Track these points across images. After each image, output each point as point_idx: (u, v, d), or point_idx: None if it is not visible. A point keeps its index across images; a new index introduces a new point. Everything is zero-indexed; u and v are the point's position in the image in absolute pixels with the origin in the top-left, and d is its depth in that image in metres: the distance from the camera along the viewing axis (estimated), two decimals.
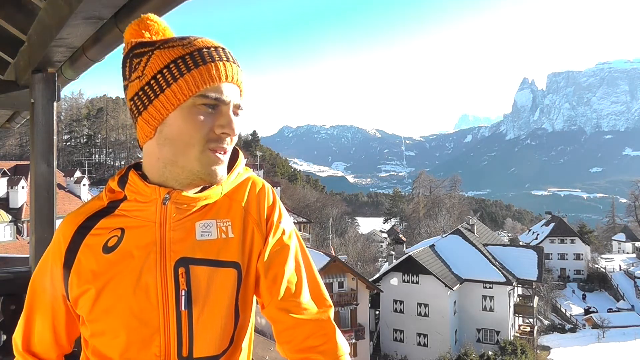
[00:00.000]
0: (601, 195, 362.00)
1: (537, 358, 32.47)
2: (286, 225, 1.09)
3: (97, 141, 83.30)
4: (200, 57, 0.93)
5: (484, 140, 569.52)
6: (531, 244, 50.59)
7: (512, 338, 32.67)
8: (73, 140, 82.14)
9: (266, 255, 1.04)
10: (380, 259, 58.74)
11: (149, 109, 0.94)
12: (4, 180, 31.93)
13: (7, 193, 31.53)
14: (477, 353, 28.30)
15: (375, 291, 34.26)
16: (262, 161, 75.68)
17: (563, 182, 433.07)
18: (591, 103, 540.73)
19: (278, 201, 1.11)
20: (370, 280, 34.47)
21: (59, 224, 1.06)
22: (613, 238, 77.47)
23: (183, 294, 0.95)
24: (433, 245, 38.93)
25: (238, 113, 0.98)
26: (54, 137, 2.54)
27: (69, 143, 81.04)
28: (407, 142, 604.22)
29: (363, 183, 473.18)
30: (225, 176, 1.00)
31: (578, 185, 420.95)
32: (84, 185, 36.28)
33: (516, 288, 37.14)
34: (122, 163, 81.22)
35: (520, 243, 57.15)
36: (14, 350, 1.07)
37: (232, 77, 0.95)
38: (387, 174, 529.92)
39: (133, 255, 0.96)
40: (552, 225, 65.18)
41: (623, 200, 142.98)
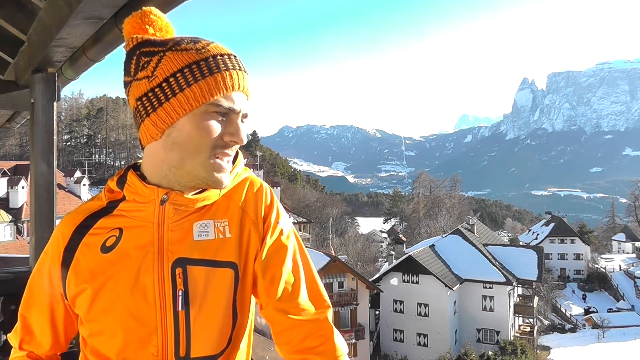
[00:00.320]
0: (601, 195, 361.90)
1: (537, 358, 32.46)
2: (284, 225, 1.08)
3: (97, 141, 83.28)
4: (215, 65, 0.92)
5: (484, 140, 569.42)
6: (531, 244, 50.58)
7: (512, 338, 32.67)
8: (73, 140, 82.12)
9: (264, 255, 1.04)
10: (380, 259, 58.72)
11: (159, 112, 0.93)
12: (4, 180, 31.94)
13: (7, 193, 31.53)
14: (477, 353, 28.30)
15: (375, 291, 34.25)
16: (262, 161, 75.65)
17: (563, 182, 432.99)
18: (591, 103, 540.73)
19: (276, 201, 1.10)
20: (370, 280, 34.46)
21: (58, 223, 1.06)
22: (613, 238, 77.46)
23: (180, 294, 0.95)
24: (433, 245, 38.93)
25: (244, 121, 0.99)
26: (54, 137, 2.55)
27: (69, 143, 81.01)
28: (407, 142, 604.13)
29: (363, 183, 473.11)
30: (229, 183, 1.00)
31: (578, 185, 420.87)
32: (84, 185, 36.28)
33: (516, 288, 37.14)
34: (122, 163, 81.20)
35: (520, 243, 57.15)
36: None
37: (243, 87, 0.96)
38: (387, 174, 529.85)
39: (131, 255, 0.97)
40: (552, 225, 65.16)
41: (623, 200, 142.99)
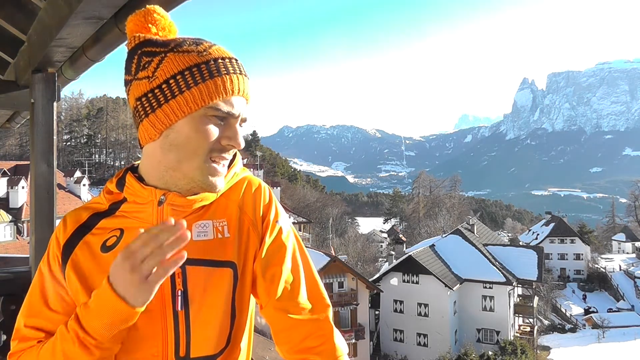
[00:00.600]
0: (601, 195, 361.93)
1: (537, 358, 32.44)
2: (283, 224, 1.08)
3: (97, 141, 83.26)
4: (215, 68, 0.92)
5: (484, 140, 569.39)
6: (531, 244, 50.57)
7: (512, 338, 32.66)
8: (73, 140, 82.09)
9: (263, 254, 1.04)
10: (380, 259, 58.71)
11: (157, 113, 0.93)
12: (4, 180, 31.95)
13: (7, 193, 31.54)
14: (477, 353, 28.28)
15: (375, 291, 34.25)
16: (262, 161, 75.63)
17: (563, 182, 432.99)
18: (591, 103, 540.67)
19: (275, 200, 1.09)
20: (370, 280, 34.45)
21: (61, 219, 1.05)
22: (613, 238, 77.46)
23: (179, 294, 0.95)
24: (433, 245, 38.92)
25: (242, 125, 0.99)
26: (54, 137, 2.54)
27: (69, 143, 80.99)
28: (407, 142, 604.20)
29: (363, 183, 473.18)
30: (222, 187, 1.01)
31: (578, 185, 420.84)
32: (84, 185, 36.30)
33: (516, 288, 37.13)
34: (122, 163, 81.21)
35: (520, 243, 57.13)
36: (14, 334, 1.00)
37: (243, 91, 0.96)
38: (387, 174, 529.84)
39: None
40: (552, 225, 65.15)
41: (623, 200, 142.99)
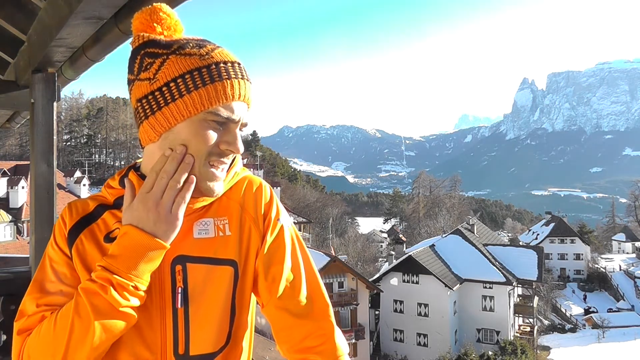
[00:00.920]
0: (601, 195, 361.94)
1: (537, 358, 32.42)
2: (284, 222, 1.08)
3: (97, 141, 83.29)
4: (217, 72, 0.91)
5: (484, 140, 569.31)
6: (531, 244, 50.55)
7: (512, 338, 32.64)
8: (73, 140, 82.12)
9: (264, 253, 1.04)
10: (380, 259, 58.70)
11: (157, 115, 0.93)
12: (4, 180, 31.94)
13: (7, 193, 31.53)
14: (477, 353, 28.27)
15: (375, 291, 34.24)
16: (262, 161, 75.67)
17: (563, 182, 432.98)
18: (591, 103, 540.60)
19: (275, 199, 1.10)
20: (370, 280, 34.44)
21: (66, 205, 1.04)
22: (613, 238, 77.45)
23: (179, 292, 0.95)
24: (433, 245, 38.90)
25: (243, 130, 0.99)
26: (54, 137, 2.54)
27: (69, 143, 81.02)
28: (407, 142, 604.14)
29: (363, 183, 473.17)
30: (221, 192, 1.00)
31: (578, 185, 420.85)
32: (84, 185, 36.32)
33: (516, 288, 37.11)
34: (122, 163, 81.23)
35: (520, 243, 57.11)
36: (18, 315, 0.96)
37: (244, 96, 0.95)
38: (387, 174, 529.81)
39: None
40: (552, 225, 65.15)
41: (623, 200, 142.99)
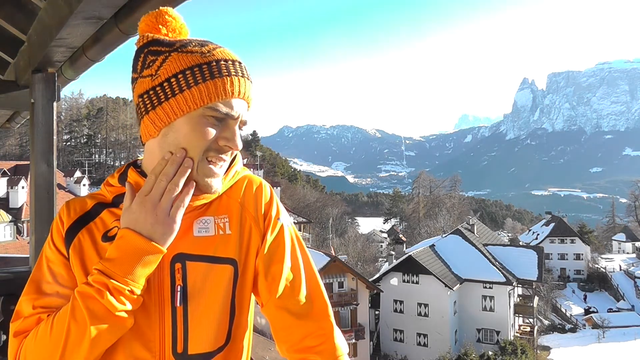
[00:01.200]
0: (601, 195, 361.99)
1: (537, 358, 32.43)
2: (284, 222, 1.08)
3: (97, 141, 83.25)
4: (217, 69, 0.93)
5: (484, 140, 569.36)
6: (531, 244, 50.55)
7: (512, 338, 32.65)
8: (73, 140, 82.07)
9: (264, 252, 1.03)
10: (380, 259, 58.71)
11: (157, 111, 0.94)
12: (4, 180, 31.95)
13: (7, 193, 31.55)
14: (477, 353, 28.28)
15: (375, 291, 34.23)
16: (262, 161, 75.66)
17: (563, 182, 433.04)
18: (591, 103, 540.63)
19: (276, 198, 1.09)
20: (370, 280, 34.44)
21: (64, 204, 1.04)
22: (613, 238, 77.46)
23: (179, 290, 0.94)
24: (433, 245, 38.90)
25: (242, 128, 0.99)
26: (54, 137, 2.54)
27: (69, 143, 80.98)
28: (407, 142, 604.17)
29: (363, 183, 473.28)
30: (220, 189, 1.00)
31: (578, 185, 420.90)
32: (84, 185, 36.36)
33: (516, 288, 37.11)
34: (122, 163, 79.64)
35: (520, 243, 57.12)
36: (14, 316, 0.95)
37: (244, 94, 0.96)
38: (387, 174, 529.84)
39: None
40: (552, 225, 65.14)
41: (623, 200, 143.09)
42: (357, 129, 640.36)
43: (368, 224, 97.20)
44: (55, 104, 2.52)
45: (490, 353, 28.07)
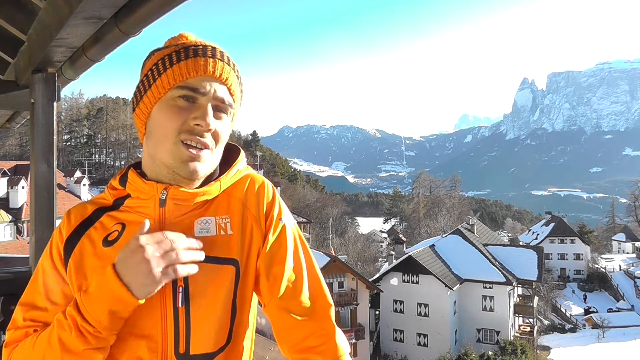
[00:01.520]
0: (601, 195, 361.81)
1: (537, 358, 32.43)
2: (287, 221, 1.07)
3: (97, 141, 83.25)
4: (184, 53, 0.95)
5: (484, 140, 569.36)
6: (531, 244, 50.54)
7: (512, 338, 32.64)
8: (73, 140, 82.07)
9: (266, 252, 1.03)
10: (380, 259, 58.71)
11: (140, 106, 0.98)
12: (4, 180, 31.92)
13: (7, 193, 31.52)
14: (477, 353, 28.26)
15: (375, 291, 34.23)
16: (262, 161, 75.70)
17: (563, 182, 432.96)
18: (591, 103, 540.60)
19: (278, 198, 1.08)
20: (370, 280, 34.44)
21: (66, 213, 1.05)
22: (613, 238, 77.46)
23: (180, 291, 0.94)
24: (433, 245, 38.90)
25: (223, 110, 0.99)
26: (54, 137, 2.54)
27: (69, 143, 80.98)
28: (407, 142, 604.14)
29: (363, 183, 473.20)
30: (201, 172, 0.98)
31: (578, 185, 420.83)
32: (84, 185, 36.31)
33: (516, 288, 37.11)
34: (122, 163, 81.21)
35: (520, 243, 57.09)
36: (10, 324, 0.98)
37: (214, 73, 0.96)
38: (387, 174, 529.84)
39: None
40: (552, 225, 65.15)
41: (623, 200, 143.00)
42: (357, 129, 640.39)
43: (368, 224, 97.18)
44: (55, 104, 2.52)
45: (490, 353, 28.05)
